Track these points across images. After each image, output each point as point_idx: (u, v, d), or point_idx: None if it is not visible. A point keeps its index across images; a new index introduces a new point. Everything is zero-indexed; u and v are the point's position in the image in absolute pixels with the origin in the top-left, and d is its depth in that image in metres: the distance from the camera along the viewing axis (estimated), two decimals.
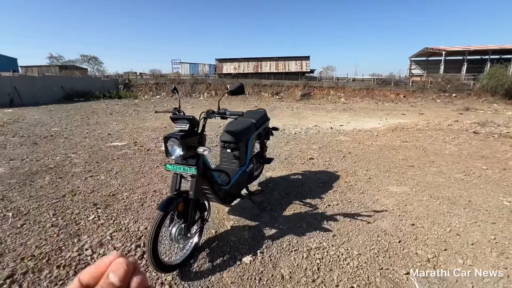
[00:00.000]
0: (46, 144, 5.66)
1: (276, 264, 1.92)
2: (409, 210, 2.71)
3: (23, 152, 4.94)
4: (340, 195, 3.03)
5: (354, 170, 3.90)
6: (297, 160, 4.44)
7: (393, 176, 3.66)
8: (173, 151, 1.73)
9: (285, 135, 6.83)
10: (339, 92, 22.90)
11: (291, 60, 28.19)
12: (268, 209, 2.67)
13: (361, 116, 11.89)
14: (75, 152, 4.98)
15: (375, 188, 3.25)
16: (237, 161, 2.46)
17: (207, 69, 31.00)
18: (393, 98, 21.56)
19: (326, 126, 8.62)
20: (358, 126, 8.57)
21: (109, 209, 2.71)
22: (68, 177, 3.63)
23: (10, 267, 1.89)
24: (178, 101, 2.18)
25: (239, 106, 15.77)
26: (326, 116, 11.79)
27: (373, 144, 5.77)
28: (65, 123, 8.60)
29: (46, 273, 1.84)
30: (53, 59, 36.17)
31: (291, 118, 10.74)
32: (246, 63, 28.55)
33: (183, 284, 1.74)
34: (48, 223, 2.45)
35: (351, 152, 4.98)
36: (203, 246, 2.09)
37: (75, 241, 2.20)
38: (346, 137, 6.55)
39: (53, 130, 7.30)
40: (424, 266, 1.90)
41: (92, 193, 3.11)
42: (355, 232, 2.30)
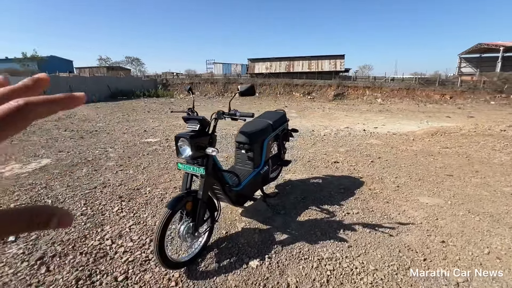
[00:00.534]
0: (90, 138, 6.23)
1: (283, 271, 1.86)
2: (441, 225, 2.43)
3: (70, 145, 5.49)
4: (362, 203, 2.83)
5: (381, 176, 3.63)
6: (320, 163, 4.27)
7: (426, 186, 3.33)
8: (183, 150, 1.77)
9: (313, 136, 6.63)
10: (376, 92, 21.64)
11: (325, 59, 27.34)
12: (282, 213, 2.60)
13: (399, 118, 11.09)
14: (112, 147, 5.39)
15: (403, 197, 2.98)
16: (251, 163, 2.43)
17: (239, 69, 31.50)
18: (437, 99, 19.76)
19: (358, 128, 8.20)
20: (394, 129, 8.01)
21: (132, 202, 2.88)
22: (101, 170, 3.93)
23: (42, 249, 2.09)
24: (192, 101, 2.21)
25: (270, 106, 15.74)
26: (360, 117, 11.22)
27: (407, 149, 5.33)
28: (109, 119, 9.38)
29: (70, 258, 2.00)
30: (102, 60, 39.80)
31: (322, 119, 10.41)
32: (278, 63, 28.39)
33: (188, 282, 1.76)
34: (79, 212, 2.67)
35: (381, 157, 4.65)
36: (212, 246, 2.10)
37: (99, 230, 2.37)
38: (377, 141, 6.15)
39: (98, 126, 8.01)
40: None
41: (120, 186, 3.33)
42: (374, 245, 2.13)
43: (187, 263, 1.88)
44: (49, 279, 1.79)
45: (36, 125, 7.92)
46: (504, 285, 1.74)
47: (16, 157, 4.52)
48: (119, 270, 1.87)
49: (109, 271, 1.86)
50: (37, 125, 7.93)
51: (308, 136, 6.58)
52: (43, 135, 6.61)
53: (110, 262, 1.96)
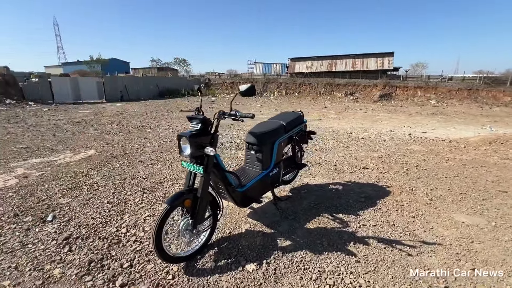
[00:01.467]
0: (136, 133, 6.85)
1: (279, 279, 1.79)
2: (475, 249, 2.08)
3: (117, 139, 6.10)
4: (383, 215, 2.57)
5: (413, 187, 3.26)
6: (346, 168, 4.01)
7: (468, 202, 2.88)
8: (184, 149, 1.82)
9: (349, 139, 6.26)
10: (429, 92, 19.50)
11: (371, 57, 25.56)
12: (291, 218, 2.50)
13: (454, 122, 9.83)
14: (150, 142, 5.84)
15: (434, 213, 2.62)
16: (260, 164, 2.39)
17: (279, 69, 31.34)
18: (507, 101, 16.97)
19: (403, 132, 7.49)
20: (446, 135, 7.13)
21: (152, 195, 3.07)
22: (135, 163, 4.28)
23: (70, 231, 2.36)
24: (200, 101, 2.25)
25: (308, 106, 15.35)
26: (407, 120, 10.23)
27: (455, 157, 4.69)
28: (155, 116, 10.19)
29: (90, 241, 2.22)
30: (153, 62, 43.45)
31: (363, 120, 9.77)
32: (319, 62, 27.47)
33: (183, 277, 1.81)
34: (106, 200, 2.95)
35: (419, 165, 4.17)
36: (213, 245, 2.12)
37: (119, 218, 2.58)
38: (420, 147, 5.54)
39: (144, 122, 8.76)
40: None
41: (146, 179, 3.58)
42: (386, 263, 1.92)
43: (186, 259, 1.93)
44: (68, 258, 2.00)
45: (95, 120, 9.01)
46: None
47: (70, 148, 5.19)
48: (126, 257, 2.01)
49: (118, 257, 2.02)
50: (95, 120, 9.01)
51: (344, 139, 6.23)
52: (99, 128, 7.48)
53: (121, 249, 2.12)
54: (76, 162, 4.28)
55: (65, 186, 3.30)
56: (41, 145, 5.34)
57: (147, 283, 1.76)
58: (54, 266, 1.91)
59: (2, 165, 4.07)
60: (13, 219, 2.52)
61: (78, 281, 1.78)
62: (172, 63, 43.80)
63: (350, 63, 26.26)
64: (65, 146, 5.30)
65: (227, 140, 5.93)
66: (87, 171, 3.84)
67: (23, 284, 1.75)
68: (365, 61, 25.68)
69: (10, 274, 1.83)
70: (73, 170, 3.86)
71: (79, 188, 3.28)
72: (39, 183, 3.37)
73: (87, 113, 10.98)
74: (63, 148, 5.18)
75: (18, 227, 2.40)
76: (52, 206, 2.80)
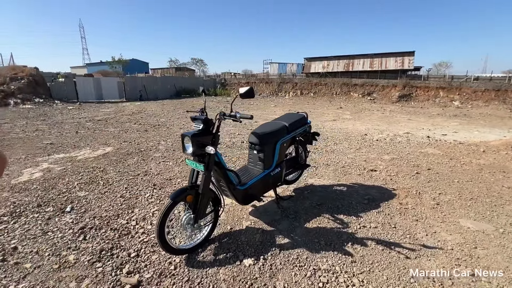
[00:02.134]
0: (152, 131, 7.14)
1: (274, 275, 1.86)
2: (478, 255, 2.03)
3: (134, 137, 6.40)
4: (385, 217, 2.56)
5: (420, 191, 3.19)
6: (354, 170, 3.99)
7: (478, 208, 2.79)
8: (187, 147, 1.93)
9: (362, 141, 6.17)
10: (452, 93, 18.64)
11: (390, 57, 24.79)
12: (291, 217, 2.55)
13: (478, 125, 9.36)
14: (165, 140, 6.08)
15: (439, 217, 2.57)
16: (262, 164, 2.46)
17: (295, 69, 31.16)
18: None
19: (421, 134, 7.26)
20: (466, 138, 6.83)
21: (162, 190, 3.23)
22: (148, 160, 4.49)
23: (85, 221, 2.56)
24: (204, 102, 2.35)
25: (323, 107, 15.20)
26: (426, 122, 9.87)
27: (471, 162, 4.52)
28: (171, 115, 10.53)
29: (102, 231, 2.40)
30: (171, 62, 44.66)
31: (379, 122, 9.54)
32: (336, 61, 27.02)
33: (184, 268, 1.93)
34: (119, 194, 3.14)
35: (431, 169, 4.07)
36: (214, 239, 2.23)
37: (130, 212, 2.75)
38: (435, 150, 5.37)
39: (161, 121, 9.09)
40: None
41: (157, 175, 3.76)
42: (382, 264, 1.93)
43: (188, 251, 2.04)
44: (82, 246, 2.18)
45: (114, 119, 9.47)
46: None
47: (90, 144, 5.53)
48: (133, 247, 2.16)
49: (127, 247, 2.17)
50: (115, 118, 9.46)
51: (357, 141, 6.15)
52: (118, 126, 7.86)
53: (130, 240, 2.28)
54: (94, 158, 4.56)
55: (83, 180, 3.54)
56: (64, 142, 5.72)
57: (151, 272, 1.89)
58: (70, 253, 2.09)
59: (29, 160, 4.42)
60: (36, 209, 2.76)
61: (89, 267, 1.94)
62: (189, 63, 44.88)
63: (368, 63, 25.63)
64: (86, 143, 5.64)
65: (239, 140, 6.04)
66: (104, 167, 4.09)
67: (42, 267, 1.93)
68: (384, 61, 24.96)
69: (32, 257, 2.03)
70: (91, 166, 4.13)
71: (96, 182, 3.51)
72: (61, 177, 3.64)
73: (108, 111, 11.53)
74: (84, 144, 5.52)
75: (41, 216, 2.63)
76: (71, 198, 3.03)
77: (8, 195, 3.08)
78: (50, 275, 1.85)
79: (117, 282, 1.78)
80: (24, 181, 3.50)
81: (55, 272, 1.88)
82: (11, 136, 6.20)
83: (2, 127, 7.43)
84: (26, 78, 14.86)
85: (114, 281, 1.79)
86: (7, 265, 1.94)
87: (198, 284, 1.77)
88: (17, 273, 1.86)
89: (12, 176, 3.65)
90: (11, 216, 2.62)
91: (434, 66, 36.07)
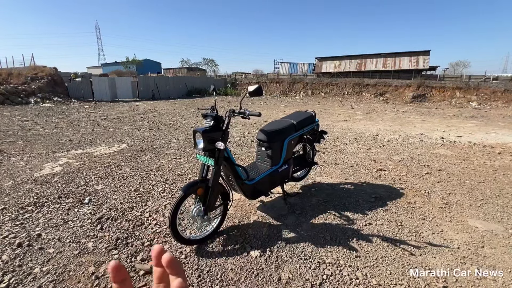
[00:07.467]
0: (164, 130, 7.34)
1: (279, 266, 1.93)
2: (485, 254, 2.03)
3: (147, 135, 6.61)
4: (391, 215, 2.58)
5: (429, 191, 3.18)
6: (362, 169, 3.99)
7: (488, 208, 2.76)
8: (198, 143, 2.03)
9: (373, 141, 6.12)
10: (470, 94, 18.06)
11: (404, 56, 24.24)
12: (298, 212, 2.61)
13: (496, 127, 9.03)
14: (176, 138, 6.25)
15: (447, 217, 2.57)
16: (270, 160, 2.53)
17: (305, 68, 30.98)
18: None
19: (435, 135, 7.11)
20: (482, 139, 6.64)
21: (173, 185, 3.36)
22: (160, 157, 4.65)
23: (102, 212, 2.71)
24: (214, 100, 2.45)
25: (334, 107, 15.08)
26: (441, 123, 9.61)
27: (485, 163, 4.42)
28: (182, 114, 10.75)
29: (118, 222, 2.54)
30: (183, 62, 45.39)
31: (391, 123, 9.38)
32: (347, 61, 26.67)
33: (194, 257, 2.03)
34: (133, 188, 3.29)
35: (442, 170, 4.02)
36: (223, 232, 2.32)
37: (143, 204, 2.89)
38: (448, 151, 5.27)
39: (172, 119, 9.31)
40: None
41: (169, 171, 3.90)
42: (386, 260, 1.97)
43: (198, 242, 2.15)
44: (100, 235, 2.33)
45: (128, 117, 9.77)
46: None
47: (105, 141, 5.76)
48: (147, 237, 2.28)
49: (140, 237, 2.29)
50: (129, 117, 9.77)
51: (367, 141, 6.11)
52: (131, 125, 8.12)
53: (143, 230, 2.40)
54: (110, 154, 4.76)
55: (100, 175, 3.72)
56: (81, 139, 5.99)
57: None
58: (88, 240, 2.24)
59: (50, 155, 4.67)
60: (57, 200, 2.94)
61: (106, 253, 2.08)
62: (200, 63, 45.49)
63: (381, 63, 25.17)
64: (102, 140, 5.88)
65: (248, 139, 6.13)
66: (119, 163, 4.27)
67: (64, 253, 2.08)
68: (398, 60, 24.45)
69: (54, 244, 2.18)
70: (107, 161, 4.32)
71: (112, 177, 3.68)
72: (79, 171, 3.84)
73: (122, 110, 11.89)
74: (100, 141, 5.76)
75: (61, 207, 2.80)
76: (89, 191, 3.20)
77: (31, 186, 3.28)
78: (71, 260, 1.99)
79: (132, 268, 1.91)
80: (45, 174, 3.72)
81: (75, 257, 2.02)
82: (32, 133, 6.53)
83: (24, 124, 7.83)
84: (46, 77, 15.54)
85: (129, 267, 1.91)
86: (32, 249, 2.10)
87: (207, 272, 1.87)
88: (42, 257, 2.01)
89: (35, 170, 3.88)
90: (34, 206, 2.80)
91: (450, 66, 35.08)
